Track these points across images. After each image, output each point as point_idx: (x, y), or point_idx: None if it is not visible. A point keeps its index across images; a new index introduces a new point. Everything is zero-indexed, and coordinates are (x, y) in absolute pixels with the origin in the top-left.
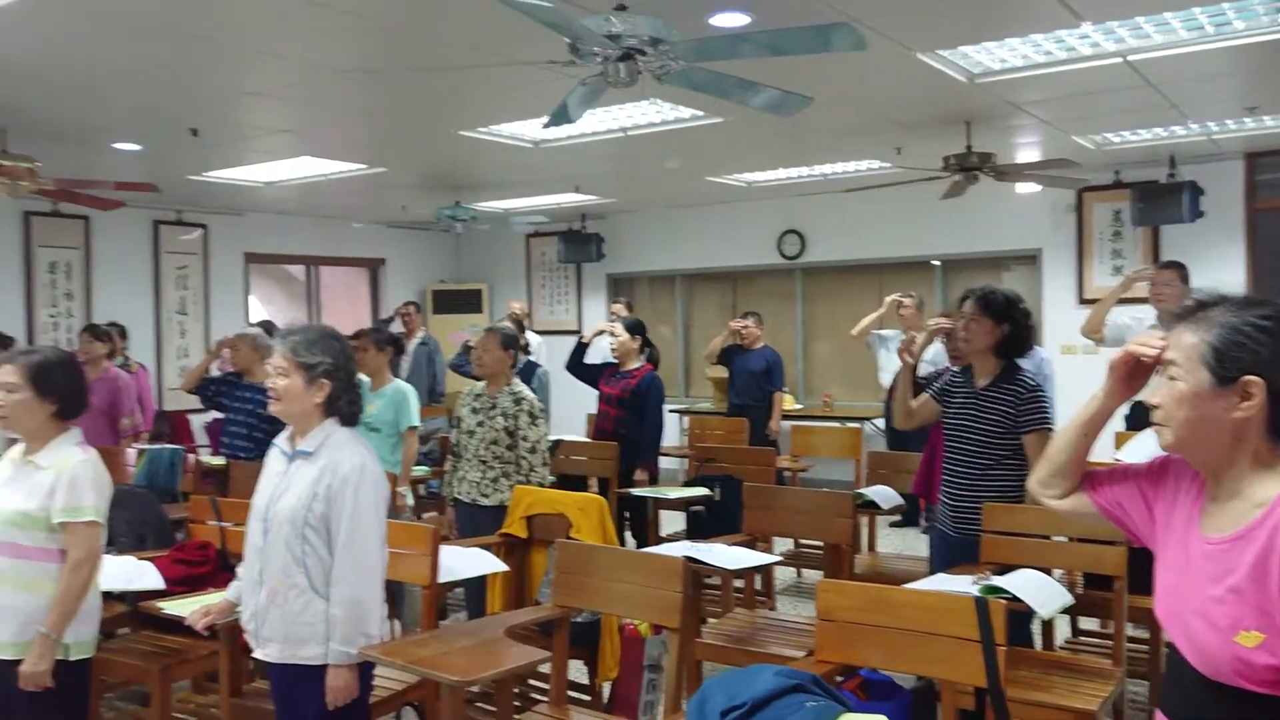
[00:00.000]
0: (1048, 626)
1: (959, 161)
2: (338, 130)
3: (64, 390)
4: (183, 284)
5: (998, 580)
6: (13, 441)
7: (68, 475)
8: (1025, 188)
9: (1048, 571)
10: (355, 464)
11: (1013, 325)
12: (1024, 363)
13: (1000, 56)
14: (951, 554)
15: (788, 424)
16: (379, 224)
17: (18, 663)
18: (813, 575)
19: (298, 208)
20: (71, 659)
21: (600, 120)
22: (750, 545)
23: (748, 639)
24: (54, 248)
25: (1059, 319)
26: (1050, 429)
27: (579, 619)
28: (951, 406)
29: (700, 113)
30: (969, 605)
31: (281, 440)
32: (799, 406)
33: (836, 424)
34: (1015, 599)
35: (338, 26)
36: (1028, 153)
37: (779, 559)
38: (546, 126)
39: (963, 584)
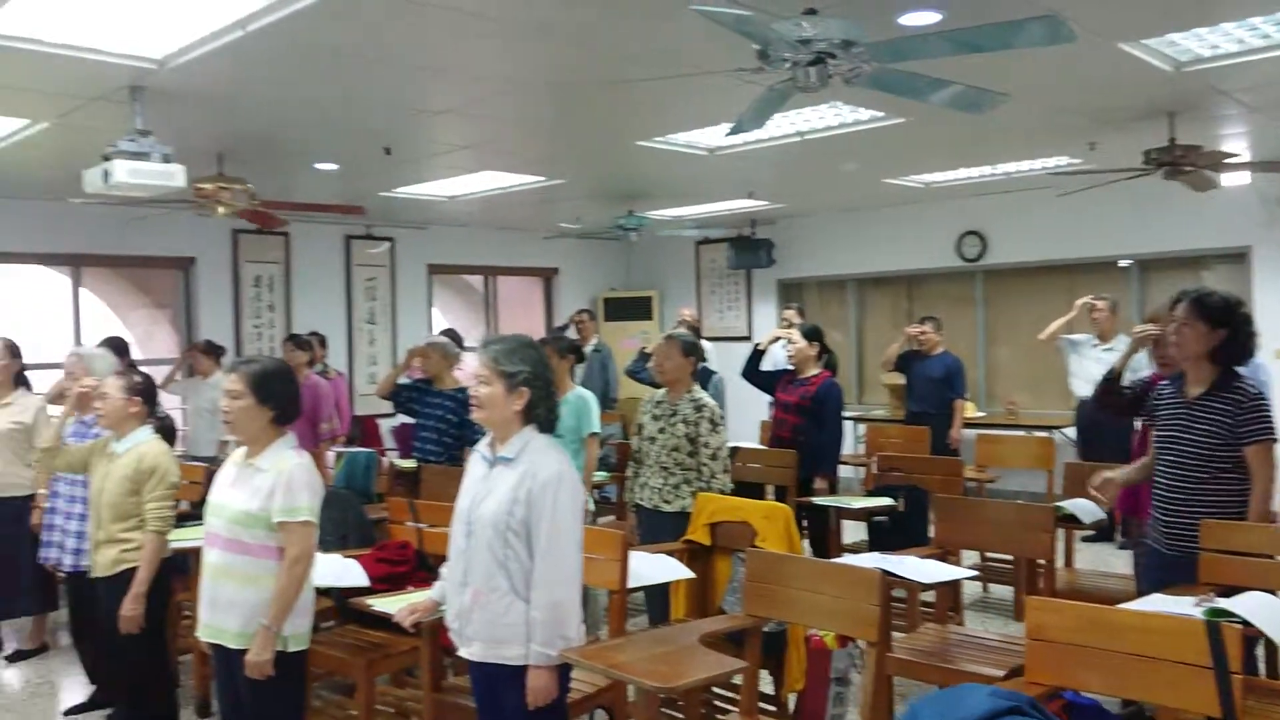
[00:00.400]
0: (1271, 652)
1: (1161, 155)
2: (519, 144)
3: (281, 397)
4: (371, 295)
5: (1223, 602)
6: (223, 444)
7: (285, 477)
8: (1231, 179)
9: (1272, 593)
10: (554, 470)
11: (1231, 330)
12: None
13: (1212, 43)
14: (1164, 572)
15: (970, 432)
16: (553, 234)
17: (243, 651)
18: (999, 590)
19: (477, 220)
20: (289, 650)
21: (777, 125)
22: (940, 558)
23: (941, 655)
24: (258, 263)
25: (1272, 322)
26: (1275, 440)
27: (765, 628)
28: (1161, 418)
29: (880, 114)
30: (1199, 629)
31: (483, 446)
32: (981, 414)
33: (1022, 433)
34: (1245, 623)
35: (527, 43)
36: (1234, 143)
37: (974, 573)
38: (730, 134)
39: (1184, 605)
